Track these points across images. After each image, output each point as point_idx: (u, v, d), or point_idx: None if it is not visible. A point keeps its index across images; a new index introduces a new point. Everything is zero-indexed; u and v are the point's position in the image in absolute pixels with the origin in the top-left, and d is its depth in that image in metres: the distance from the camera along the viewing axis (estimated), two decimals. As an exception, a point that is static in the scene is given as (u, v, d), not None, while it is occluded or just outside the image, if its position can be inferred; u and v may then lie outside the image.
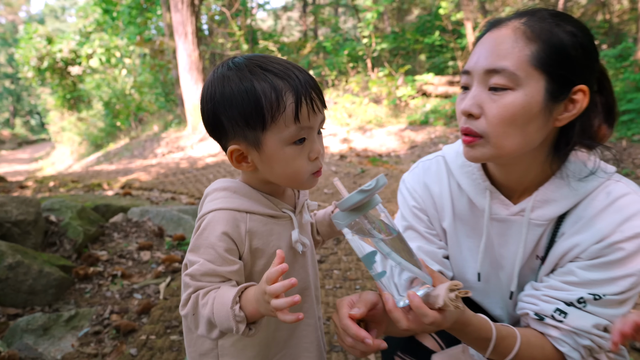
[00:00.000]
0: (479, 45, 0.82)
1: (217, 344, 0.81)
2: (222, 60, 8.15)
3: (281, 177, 0.74)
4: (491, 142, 0.80)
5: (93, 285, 2.17)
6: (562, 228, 0.88)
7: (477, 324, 0.79)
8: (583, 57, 0.76)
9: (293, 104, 0.69)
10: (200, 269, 0.70)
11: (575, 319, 0.83)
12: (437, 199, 1.01)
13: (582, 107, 0.78)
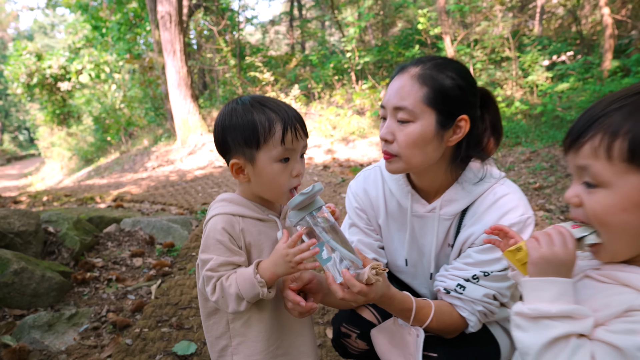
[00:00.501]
0: (390, 85, 1.09)
1: (229, 327, 1.00)
2: (210, 74, 8.40)
3: (266, 188, 0.97)
4: (402, 159, 1.06)
5: (90, 289, 2.39)
6: (464, 221, 1.15)
7: (401, 298, 1.05)
8: (461, 95, 1.03)
9: (281, 130, 0.92)
10: (217, 261, 0.92)
11: (471, 291, 1.10)
12: (374, 201, 1.28)
13: (465, 131, 1.06)
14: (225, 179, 5.48)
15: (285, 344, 1.03)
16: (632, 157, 0.61)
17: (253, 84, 11.42)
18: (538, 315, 0.62)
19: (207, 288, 0.94)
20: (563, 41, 11.29)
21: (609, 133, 0.62)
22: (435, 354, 1.08)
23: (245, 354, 0.99)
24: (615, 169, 0.63)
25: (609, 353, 0.57)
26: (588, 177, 0.66)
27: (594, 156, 0.64)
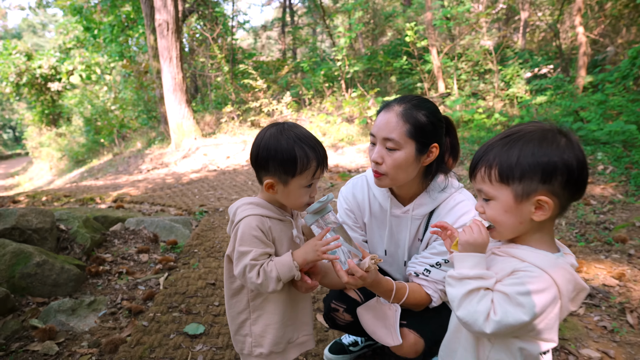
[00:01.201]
0: (379, 118, 1.38)
1: (250, 304, 1.27)
2: (202, 78, 8.61)
3: (290, 202, 1.23)
4: (389, 177, 1.37)
5: (103, 280, 2.64)
6: (431, 221, 1.46)
7: (385, 282, 1.35)
8: (433, 129, 1.34)
9: (315, 167, 1.19)
10: (257, 252, 1.16)
11: (435, 274, 1.41)
12: (361, 203, 1.58)
13: (436, 155, 1.37)
14: (219, 183, 5.74)
15: (292, 316, 1.31)
16: (501, 179, 0.93)
17: (245, 89, 11.69)
18: (461, 277, 0.93)
19: (250, 274, 1.15)
20: (544, 55, 11.83)
21: (486, 166, 0.95)
22: (405, 322, 1.38)
23: (263, 324, 1.26)
24: (495, 188, 0.95)
25: (501, 297, 0.88)
26: (483, 194, 0.98)
27: (482, 181, 0.97)
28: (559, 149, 0.89)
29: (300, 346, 1.33)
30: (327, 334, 2.06)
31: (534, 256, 0.92)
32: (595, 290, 2.49)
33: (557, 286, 0.87)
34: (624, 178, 4.21)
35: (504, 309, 0.87)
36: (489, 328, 0.87)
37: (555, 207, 0.91)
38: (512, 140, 0.93)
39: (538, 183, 0.90)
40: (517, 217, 0.94)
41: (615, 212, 3.60)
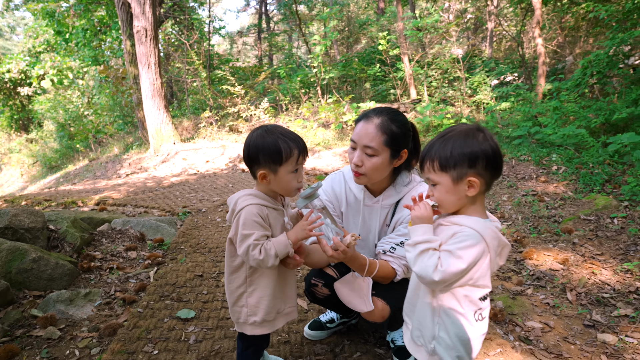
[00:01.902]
0: (359, 127, 1.64)
1: (247, 280, 1.50)
2: (177, 85, 8.75)
3: (282, 188, 1.47)
4: (367, 177, 1.64)
5: (95, 275, 2.80)
6: (397, 209, 1.74)
7: (360, 258, 1.61)
8: (404, 138, 1.62)
9: (297, 154, 1.43)
10: (259, 234, 1.39)
11: (399, 251, 1.68)
12: (338, 195, 1.85)
13: (405, 158, 1.65)
14: (200, 186, 5.90)
15: (281, 290, 1.55)
16: (442, 168, 1.22)
17: (223, 94, 11.83)
18: (414, 242, 1.21)
19: (253, 252, 1.37)
20: (509, 63, 12.49)
21: (430, 159, 1.24)
22: (374, 292, 1.65)
23: (257, 296, 1.50)
24: (438, 175, 1.24)
25: (445, 253, 1.16)
26: (430, 181, 1.27)
27: (429, 171, 1.25)
28: (479, 142, 1.19)
29: (287, 316, 1.58)
30: (306, 314, 2.31)
31: (468, 221, 1.21)
32: (542, 274, 2.83)
33: (486, 242, 1.17)
34: (574, 177, 4.65)
35: (448, 261, 1.15)
36: (437, 276, 1.15)
37: (482, 184, 1.21)
38: (446, 138, 1.23)
39: (467, 168, 1.19)
40: (455, 195, 1.23)
41: (565, 207, 4.00)
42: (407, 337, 1.42)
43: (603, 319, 2.28)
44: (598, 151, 5.08)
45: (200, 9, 18.20)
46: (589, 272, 2.77)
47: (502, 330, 2.19)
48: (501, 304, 2.43)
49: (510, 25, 16.17)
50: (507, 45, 17.41)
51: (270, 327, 1.54)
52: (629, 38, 5.88)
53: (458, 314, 1.23)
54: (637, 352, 1.97)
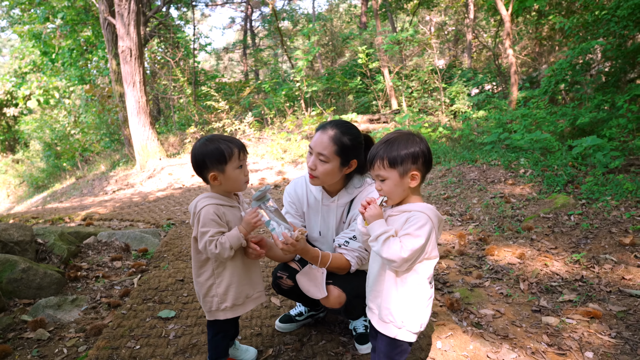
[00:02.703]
0: (317, 135, 1.86)
1: (214, 272, 1.69)
2: (164, 101, 8.95)
3: (233, 184, 1.69)
4: (320, 180, 1.87)
5: (82, 284, 2.96)
6: (352, 207, 1.96)
7: (312, 250, 1.82)
8: (353, 149, 1.85)
9: (237, 151, 1.66)
10: (215, 231, 1.61)
11: (352, 244, 1.89)
12: (300, 197, 2.07)
13: (354, 167, 1.88)
14: (185, 199, 6.07)
15: (247, 277, 1.75)
16: (390, 165, 1.47)
17: (208, 110, 12.06)
18: (376, 236, 1.44)
19: (210, 247, 1.57)
20: (487, 73, 12.94)
21: (380, 158, 1.49)
22: (331, 281, 1.86)
23: (225, 285, 1.70)
24: (387, 171, 1.49)
25: (405, 236, 1.41)
26: (380, 178, 1.51)
27: (379, 169, 1.50)
28: (417, 143, 1.48)
29: (256, 300, 1.79)
30: (278, 310, 2.50)
31: (415, 206, 1.49)
32: (500, 268, 3.06)
33: (431, 220, 1.44)
34: (539, 179, 4.93)
35: (411, 242, 1.40)
36: (405, 254, 1.39)
37: (421, 177, 1.50)
38: (391, 141, 1.51)
39: (411, 164, 1.46)
40: (401, 187, 1.50)
41: (529, 207, 4.26)
42: (374, 319, 1.62)
43: (549, 305, 2.50)
44: (563, 154, 5.38)
45: (186, 27, 18.54)
46: (542, 264, 3.01)
47: (457, 318, 2.40)
48: (458, 295, 2.65)
49: (488, 36, 16.74)
50: (487, 56, 17.99)
51: (242, 309, 1.75)
52: (588, 47, 6.26)
53: (420, 286, 1.50)
54: (574, 331, 2.19)
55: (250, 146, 9.90)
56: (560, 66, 6.53)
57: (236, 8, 24.94)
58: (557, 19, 8.13)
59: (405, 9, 16.40)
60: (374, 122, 9.80)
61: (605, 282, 2.64)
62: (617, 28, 6.06)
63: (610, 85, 7.00)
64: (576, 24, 7.50)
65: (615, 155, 5.02)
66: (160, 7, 13.90)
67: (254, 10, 24.38)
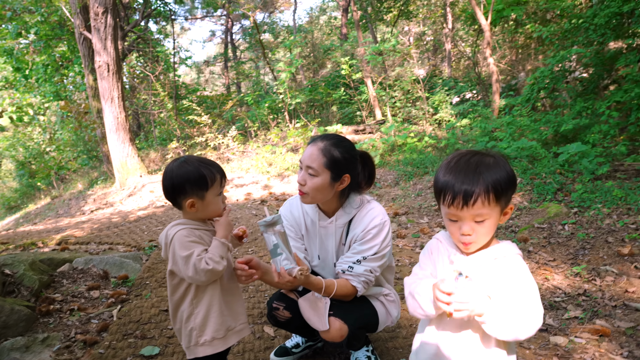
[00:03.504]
0: (306, 149, 1.74)
1: (192, 302, 1.51)
2: (144, 116, 8.72)
3: (210, 212, 1.54)
4: (310, 196, 1.72)
5: (55, 318, 2.72)
6: (350, 227, 1.82)
7: (315, 282, 1.67)
8: (346, 163, 1.72)
9: (220, 178, 1.52)
10: (199, 249, 1.44)
11: (357, 269, 1.75)
12: (297, 219, 1.91)
13: (347, 183, 1.75)
14: (168, 218, 5.83)
15: (228, 307, 1.57)
16: (496, 199, 1.09)
17: (190, 124, 11.82)
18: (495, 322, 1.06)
19: (200, 266, 1.40)
20: (467, 81, 13.09)
21: (483, 192, 1.07)
22: (332, 312, 1.71)
23: (203, 316, 1.51)
24: (491, 208, 1.09)
25: (526, 296, 1.07)
26: (479, 217, 1.10)
27: (483, 206, 1.08)
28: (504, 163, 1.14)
29: (238, 333, 1.59)
30: (272, 342, 2.32)
31: (505, 248, 1.16)
32: (500, 283, 2.96)
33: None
34: (529, 187, 4.89)
35: (536, 300, 1.09)
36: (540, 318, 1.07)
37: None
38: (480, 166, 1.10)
39: (511, 194, 1.14)
40: (496, 226, 1.14)
41: (521, 217, 4.20)
42: None
43: (555, 322, 2.39)
44: (549, 162, 5.37)
45: (166, 41, 18.30)
46: (542, 278, 2.91)
47: (462, 341, 2.27)
48: (461, 316, 2.52)
49: (466, 46, 17.02)
50: (465, 64, 18.28)
51: (222, 344, 1.55)
52: (567, 55, 6.33)
53: None
54: (585, 352, 2.08)
55: (235, 160, 9.69)
56: (542, 74, 6.58)
57: (216, 21, 24.82)
58: (534, 27, 8.26)
59: (385, 20, 16.57)
60: (359, 132, 9.73)
61: (609, 296, 2.56)
62: (594, 36, 6.15)
63: (589, 92, 7.09)
64: (554, 32, 7.62)
65: (600, 161, 5.04)
66: (138, 21, 13.67)
67: (234, 23, 24.31)
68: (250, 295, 2.96)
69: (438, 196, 1.16)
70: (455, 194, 1.08)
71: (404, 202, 5.37)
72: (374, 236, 1.74)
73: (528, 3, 10.11)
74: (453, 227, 1.14)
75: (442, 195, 1.13)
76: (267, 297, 2.91)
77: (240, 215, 5.51)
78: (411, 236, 4.15)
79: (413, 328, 2.38)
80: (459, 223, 1.12)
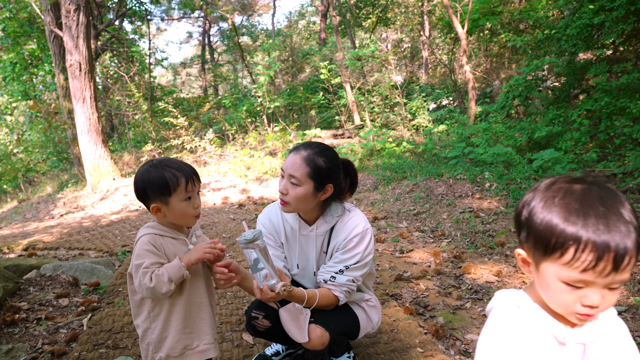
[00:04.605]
0: (289, 158, 1.69)
1: (150, 314, 1.43)
2: (118, 118, 8.50)
3: (178, 217, 1.47)
4: (292, 206, 1.68)
5: (20, 328, 2.57)
6: (332, 236, 1.78)
7: (298, 294, 1.61)
8: (329, 172, 1.68)
9: (184, 182, 1.44)
10: (149, 261, 1.36)
11: (339, 279, 1.71)
12: (276, 226, 1.86)
13: (330, 193, 1.71)
14: (142, 222, 5.65)
15: (190, 325, 1.48)
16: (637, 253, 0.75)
17: (166, 126, 11.57)
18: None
19: (144, 280, 1.34)
20: (444, 88, 13.34)
21: (633, 248, 0.74)
22: (313, 319, 1.66)
23: (159, 332, 1.44)
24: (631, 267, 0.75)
25: None
26: (617, 284, 0.77)
27: (631, 268, 0.75)
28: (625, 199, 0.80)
29: (201, 354, 1.49)
30: (252, 349, 2.26)
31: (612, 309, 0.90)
32: (479, 287, 2.98)
33: None
34: (505, 192, 4.99)
35: None
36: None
37: None
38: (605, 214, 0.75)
39: None
40: None
41: (498, 221, 4.27)
42: None
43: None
44: (524, 167, 5.51)
45: (141, 41, 17.91)
46: (520, 282, 2.96)
47: (444, 346, 2.26)
48: (442, 320, 2.52)
49: (442, 53, 17.37)
50: (442, 72, 18.65)
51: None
52: (541, 64, 6.53)
53: None
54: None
55: (212, 163, 9.53)
56: (517, 82, 6.76)
57: (193, 23, 24.51)
58: (509, 37, 8.50)
59: (363, 26, 16.73)
60: (337, 137, 9.75)
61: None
62: (567, 46, 6.36)
63: (561, 100, 7.34)
64: (527, 42, 7.85)
65: (572, 167, 5.19)
66: (112, 20, 13.33)
67: (212, 25, 24.07)
68: (228, 302, 2.89)
69: (552, 250, 0.79)
70: (601, 254, 0.74)
71: (383, 207, 5.38)
72: (356, 245, 1.71)
73: (502, 13, 10.41)
74: (570, 295, 0.79)
75: (563, 250, 0.77)
76: (246, 304, 2.84)
77: (217, 219, 5.40)
78: (390, 240, 4.16)
79: (394, 333, 2.37)
80: (584, 291, 0.78)
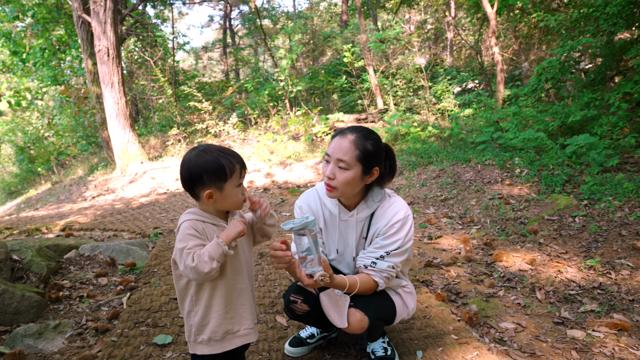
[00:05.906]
0: (334, 142, 1.68)
1: (194, 298, 1.46)
2: (143, 102, 8.59)
3: (229, 204, 1.47)
4: (339, 191, 1.67)
5: (65, 305, 2.69)
6: (372, 221, 1.78)
7: (339, 281, 1.63)
8: (376, 156, 1.67)
9: (239, 169, 1.45)
10: (192, 244, 1.38)
11: (380, 265, 1.72)
12: (315, 211, 1.87)
13: (376, 176, 1.70)
14: (171, 205, 5.78)
15: (231, 311, 1.50)
16: None
17: (190, 110, 11.69)
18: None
19: (187, 261, 1.33)
20: (470, 71, 12.97)
21: None
22: (352, 303, 1.68)
23: (202, 314, 1.47)
24: None
25: None
26: None
27: None
28: None
29: (242, 338, 1.52)
30: (286, 331, 2.30)
31: None
32: (512, 275, 2.94)
33: None
34: (536, 179, 4.86)
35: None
36: None
37: None
38: None
39: None
40: None
41: (530, 208, 4.18)
42: None
43: (571, 316, 2.38)
44: (557, 153, 5.34)
45: (164, 25, 18.01)
46: (555, 271, 2.90)
47: (478, 334, 2.26)
48: (475, 307, 2.50)
49: (468, 35, 16.84)
50: (467, 54, 18.12)
51: (219, 347, 1.49)
52: (577, 45, 6.26)
53: None
54: (604, 346, 2.07)
55: (236, 148, 9.62)
56: (550, 64, 6.51)
57: (215, 6, 24.43)
58: (541, 16, 8.15)
59: (386, 7, 16.34)
60: (361, 121, 9.66)
61: (625, 290, 2.55)
62: (606, 25, 6.06)
63: (596, 83, 7.04)
64: (562, 21, 7.52)
65: (609, 153, 5.01)
66: (136, 5, 13.41)
67: (233, 9, 23.95)
68: (260, 285, 2.94)
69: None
70: None
71: (409, 192, 5.34)
72: (398, 230, 1.71)
73: (535, -9, 9.97)
74: None
75: None
76: (277, 286, 2.89)
77: (244, 203, 5.47)
78: (418, 227, 4.13)
79: (427, 319, 2.37)
80: None
